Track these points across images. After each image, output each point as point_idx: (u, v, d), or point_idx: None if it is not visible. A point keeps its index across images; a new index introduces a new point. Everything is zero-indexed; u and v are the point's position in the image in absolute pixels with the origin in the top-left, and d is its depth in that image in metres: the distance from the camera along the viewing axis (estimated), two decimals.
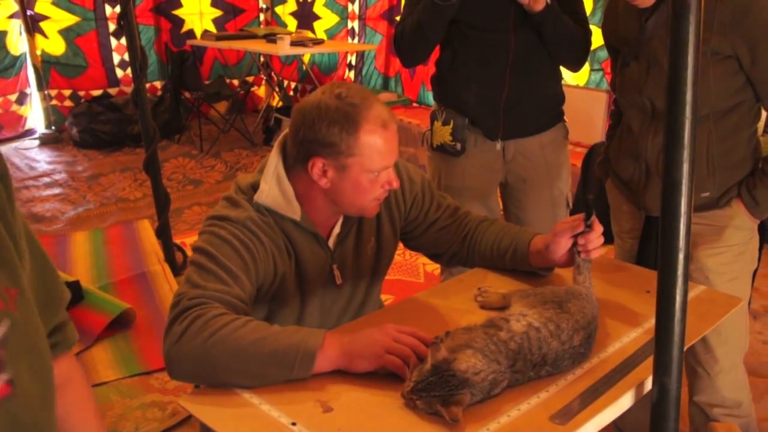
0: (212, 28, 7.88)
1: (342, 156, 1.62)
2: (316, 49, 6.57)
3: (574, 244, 1.71)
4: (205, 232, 1.63)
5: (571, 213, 2.57)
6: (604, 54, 5.08)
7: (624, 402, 1.40)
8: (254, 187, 1.70)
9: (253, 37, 7.05)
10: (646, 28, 1.97)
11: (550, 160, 2.56)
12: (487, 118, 2.48)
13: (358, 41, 7.21)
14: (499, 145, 2.51)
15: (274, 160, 1.72)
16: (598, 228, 1.70)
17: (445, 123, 2.49)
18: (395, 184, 1.70)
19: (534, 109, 2.50)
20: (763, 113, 2.08)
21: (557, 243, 1.72)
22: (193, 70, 7.01)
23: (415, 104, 6.46)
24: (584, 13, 2.54)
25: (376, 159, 1.63)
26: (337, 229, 1.78)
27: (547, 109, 2.57)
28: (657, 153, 2.00)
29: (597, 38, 5.09)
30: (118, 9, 6.80)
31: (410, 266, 4.08)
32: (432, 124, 2.55)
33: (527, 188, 2.59)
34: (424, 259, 3.95)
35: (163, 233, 4.05)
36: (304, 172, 1.67)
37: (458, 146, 2.50)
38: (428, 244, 1.96)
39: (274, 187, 1.68)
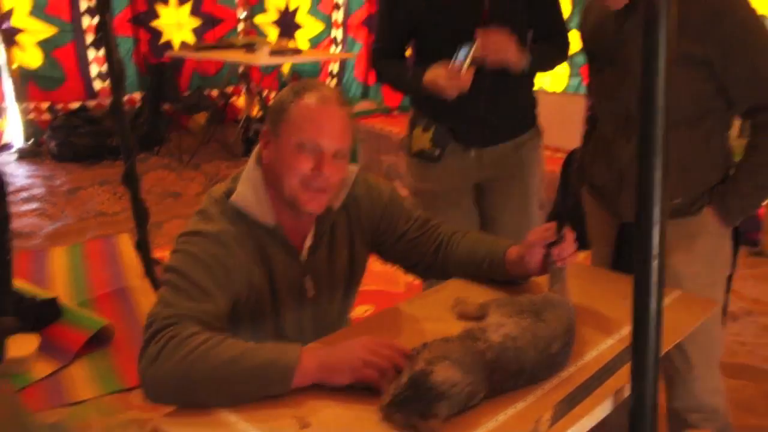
0: (191, 39, 7.86)
1: (278, 122, 1.66)
2: (295, 59, 6.56)
3: (548, 253, 1.71)
4: (178, 250, 1.61)
5: (549, 219, 2.58)
6: (582, 59, 5.10)
7: (602, 410, 1.40)
8: (228, 195, 1.69)
9: (232, 47, 7.03)
10: (622, 32, 1.97)
11: (524, 159, 2.57)
12: (464, 130, 2.49)
13: (340, 50, 7.21)
14: (473, 153, 2.52)
15: (250, 166, 1.73)
16: (570, 237, 1.71)
17: (425, 129, 2.49)
18: (325, 170, 1.64)
19: (509, 117, 2.51)
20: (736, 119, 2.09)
21: (531, 253, 1.73)
22: (172, 81, 6.99)
23: (396, 112, 6.46)
24: (562, 21, 2.55)
25: (305, 127, 1.63)
26: (309, 241, 1.77)
27: (522, 116, 2.58)
28: (630, 159, 2.00)
29: (575, 43, 5.13)
30: (96, 20, 6.76)
31: (390, 276, 4.06)
32: (412, 129, 2.55)
33: (500, 187, 2.60)
34: None
35: (143, 247, 4.02)
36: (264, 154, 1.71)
37: (437, 153, 2.50)
38: (400, 255, 1.95)
39: (250, 190, 1.69)
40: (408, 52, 2.59)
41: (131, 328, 3.48)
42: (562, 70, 5.20)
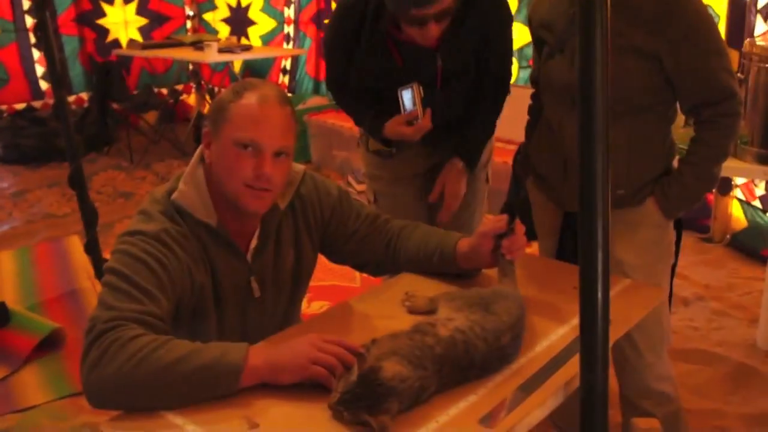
0: (138, 37, 7.74)
1: (218, 123, 1.64)
2: (244, 55, 6.50)
3: (498, 245, 1.71)
4: (117, 251, 1.57)
5: (502, 211, 2.57)
6: (531, 51, 5.14)
7: (553, 401, 1.40)
8: (170, 194, 1.66)
9: (180, 44, 6.94)
10: (575, 19, 1.98)
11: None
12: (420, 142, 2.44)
13: (293, 46, 7.16)
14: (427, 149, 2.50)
15: (194, 168, 1.70)
16: (521, 230, 1.72)
17: None
18: (265, 168, 1.61)
19: (457, 114, 2.47)
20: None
21: (481, 244, 1.73)
22: (119, 80, 6.87)
23: None
24: (510, 51, 2.47)
25: (245, 126, 1.61)
26: (254, 242, 1.75)
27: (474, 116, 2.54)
28: (574, 148, 2.01)
29: (524, 35, 5.16)
30: None
31: (345, 271, 4.02)
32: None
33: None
34: None
35: (92, 249, 3.94)
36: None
37: (393, 150, 2.48)
38: (351, 254, 1.94)
39: (192, 189, 1.66)
40: None
41: (82, 331, 3.39)
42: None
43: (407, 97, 2.27)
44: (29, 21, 7.04)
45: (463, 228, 2.42)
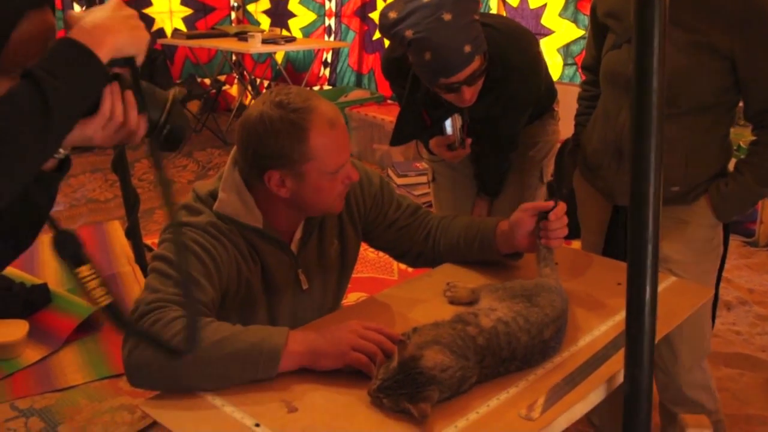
0: (182, 27, 7.80)
1: (297, 164, 1.58)
2: (288, 47, 6.52)
3: (538, 228, 1.69)
4: (165, 239, 1.58)
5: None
6: (577, 48, 5.09)
7: (595, 396, 1.38)
8: (213, 196, 1.66)
9: (224, 35, 6.98)
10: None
11: (533, 131, 2.53)
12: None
13: (334, 39, 7.16)
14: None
15: (230, 172, 1.68)
16: (562, 217, 1.70)
17: None
18: (354, 176, 1.68)
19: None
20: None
21: (521, 220, 1.73)
22: (164, 69, 6.92)
23: (389, 101, 6.42)
24: (516, 132, 2.46)
25: (330, 160, 1.60)
26: (298, 234, 1.75)
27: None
28: None
29: (570, 32, 5.11)
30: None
31: (383, 263, 4.05)
32: None
33: (478, 199, 2.63)
34: None
35: (133, 234, 3.98)
36: (262, 185, 1.63)
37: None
38: (390, 243, 1.94)
39: (233, 196, 1.64)
40: None
41: None
42: (557, 59, 5.17)
43: (448, 125, 2.39)
44: (77, 8, 7.14)
45: None
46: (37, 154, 1.05)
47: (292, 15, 7.60)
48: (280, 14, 7.71)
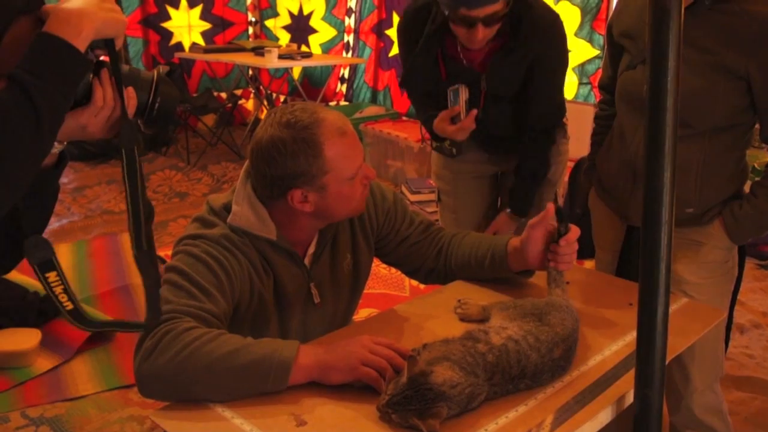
0: (201, 41, 7.87)
1: (317, 179, 1.60)
2: (304, 62, 6.56)
3: (548, 254, 1.70)
4: (179, 251, 1.59)
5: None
6: (592, 67, 5.10)
7: (604, 416, 1.37)
8: (227, 209, 1.67)
9: (242, 50, 7.04)
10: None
11: None
12: (480, 142, 2.54)
13: (352, 55, 7.20)
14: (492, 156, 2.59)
15: (242, 185, 1.69)
16: (573, 242, 1.70)
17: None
18: (372, 174, 1.70)
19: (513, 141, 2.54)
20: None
21: (530, 237, 1.73)
22: (181, 82, 6.98)
23: (404, 117, 6.45)
24: (555, 91, 2.51)
25: (347, 166, 1.63)
26: (312, 248, 1.76)
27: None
28: None
29: (585, 52, 5.12)
30: None
31: (395, 280, 4.05)
32: None
33: (502, 213, 2.63)
34: None
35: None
36: (284, 203, 1.65)
37: (454, 151, 2.58)
38: (401, 259, 1.94)
39: (246, 208, 1.65)
40: None
41: None
42: (572, 78, 5.18)
43: (453, 96, 2.37)
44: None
45: None
46: (34, 155, 1.07)
47: (313, 31, 7.65)
48: (300, 30, 7.76)
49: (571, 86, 5.16)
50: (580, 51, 5.16)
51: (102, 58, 1.16)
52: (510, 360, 1.36)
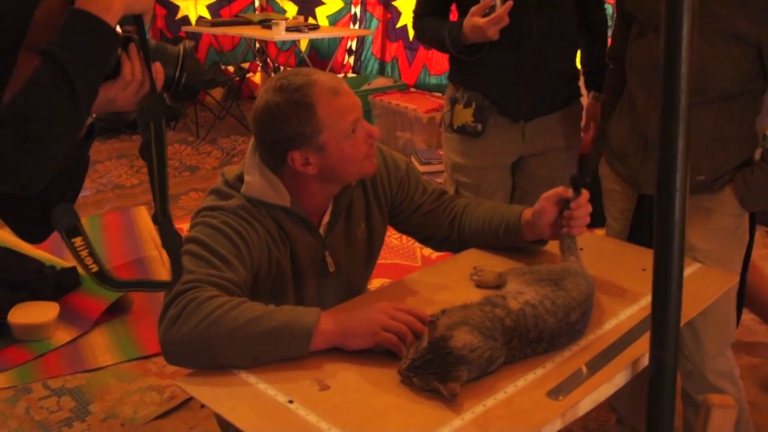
0: (207, 15, 7.83)
1: (313, 138, 1.63)
2: (311, 35, 6.53)
3: (562, 215, 1.71)
4: (197, 223, 1.62)
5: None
6: None
7: (620, 378, 1.40)
8: (241, 179, 1.70)
9: (249, 23, 7.01)
10: None
11: (566, 134, 2.54)
12: (509, 100, 2.43)
13: (359, 26, 7.17)
14: (520, 125, 2.47)
15: (251, 156, 1.72)
16: (585, 206, 1.71)
17: (466, 105, 2.45)
18: (375, 133, 1.71)
19: (554, 86, 2.47)
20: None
21: (544, 209, 1.74)
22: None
23: (412, 89, 6.43)
24: None
25: (342, 122, 1.64)
26: (327, 217, 1.78)
27: (566, 86, 2.54)
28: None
29: None
30: None
31: (407, 250, 4.07)
32: (452, 107, 2.50)
33: (539, 161, 2.56)
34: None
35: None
36: (288, 168, 1.67)
37: (479, 127, 2.45)
38: (415, 227, 1.96)
39: (258, 177, 1.68)
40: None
41: (150, 297, 3.50)
42: None
43: None
44: None
45: None
46: (70, 128, 1.11)
47: (319, 3, 7.60)
48: (307, 2, 7.72)
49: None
50: None
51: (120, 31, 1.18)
52: (528, 324, 1.39)
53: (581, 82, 2.63)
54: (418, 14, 2.55)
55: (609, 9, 4.92)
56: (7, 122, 1.04)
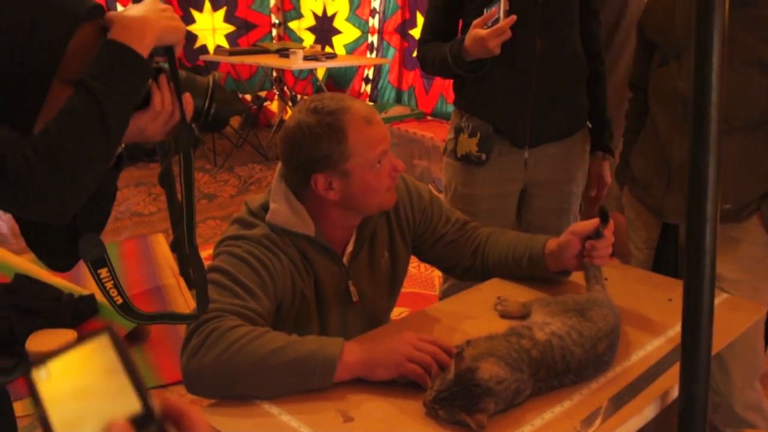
0: (225, 44, 7.91)
1: (339, 163, 1.62)
2: (328, 63, 6.58)
3: (585, 247, 1.70)
4: (221, 252, 1.62)
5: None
6: None
7: (649, 411, 1.38)
8: (265, 208, 1.69)
9: (266, 51, 7.07)
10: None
11: (571, 165, 2.51)
12: (514, 125, 2.40)
13: (377, 55, 7.22)
14: (526, 154, 2.44)
15: (278, 183, 1.71)
16: (609, 236, 1.70)
17: (471, 135, 2.42)
18: (400, 167, 1.70)
19: (560, 113, 2.44)
20: None
21: (570, 242, 1.73)
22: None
23: (429, 117, 6.45)
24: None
25: (371, 152, 1.64)
26: (350, 246, 1.77)
27: (572, 113, 2.50)
28: (684, 158, 1.97)
29: None
30: None
31: (425, 279, 4.06)
32: (457, 135, 2.48)
33: (543, 192, 2.53)
34: (439, 272, 3.93)
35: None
36: (311, 192, 1.67)
37: (483, 156, 2.42)
38: (438, 257, 1.95)
39: (284, 205, 1.67)
40: None
41: (166, 326, 3.49)
42: None
43: (491, 5, 2.21)
44: (119, 8, 7.24)
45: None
46: (103, 157, 1.12)
47: (336, 32, 7.67)
48: (324, 31, 7.79)
49: None
50: None
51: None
52: (554, 355, 1.37)
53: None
54: (423, 40, 2.54)
55: None
56: (39, 151, 1.05)
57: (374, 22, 7.20)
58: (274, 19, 8.33)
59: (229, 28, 8.04)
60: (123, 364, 0.57)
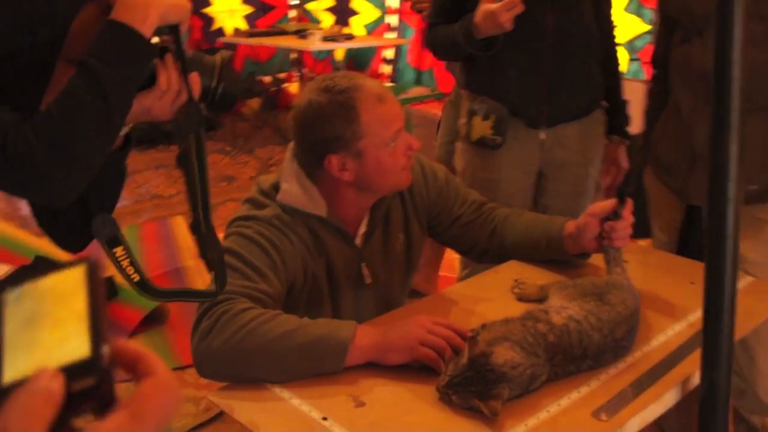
0: (243, 26, 7.88)
1: (352, 143, 1.59)
2: (347, 44, 6.54)
3: (604, 228, 1.66)
4: (231, 233, 1.60)
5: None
6: (641, 43, 4.99)
7: (669, 398, 1.34)
8: (276, 188, 1.67)
9: (284, 33, 7.03)
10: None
11: (587, 146, 2.46)
12: (529, 105, 2.36)
13: (396, 36, 7.16)
14: (542, 134, 2.39)
15: (289, 163, 1.69)
16: (628, 217, 1.66)
17: (485, 117, 2.37)
18: (416, 145, 1.67)
19: (575, 91, 2.39)
20: None
21: (588, 224, 1.69)
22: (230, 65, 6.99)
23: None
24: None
25: (385, 130, 1.61)
26: (363, 228, 1.74)
27: (588, 92, 2.44)
28: (707, 136, 1.92)
29: (634, 27, 5.01)
30: None
31: (445, 261, 4.02)
32: (470, 119, 2.43)
33: (560, 174, 2.48)
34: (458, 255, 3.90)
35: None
36: (325, 173, 1.64)
37: (499, 140, 2.37)
38: (454, 239, 1.91)
39: (294, 185, 1.65)
40: None
41: (186, 307, 3.48)
42: (622, 54, 5.08)
43: None
44: None
45: None
46: (105, 139, 1.10)
47: (354, 12, 7.61)
48: (343, 11, 7.74)
49: (622, 61, 5.06)
50: (629, 26, 5.06)
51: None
52: (571, 340, 1.33)
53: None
54: (431, 23, 2.48)
55: (649, 14, 4.86)
56: (40, 133, 1.03)
57: (393, 1, 7.13)
58: (292, 1, 8.28)
59: (248, 9, 8.01)
60: (88, 304, 0.54)
